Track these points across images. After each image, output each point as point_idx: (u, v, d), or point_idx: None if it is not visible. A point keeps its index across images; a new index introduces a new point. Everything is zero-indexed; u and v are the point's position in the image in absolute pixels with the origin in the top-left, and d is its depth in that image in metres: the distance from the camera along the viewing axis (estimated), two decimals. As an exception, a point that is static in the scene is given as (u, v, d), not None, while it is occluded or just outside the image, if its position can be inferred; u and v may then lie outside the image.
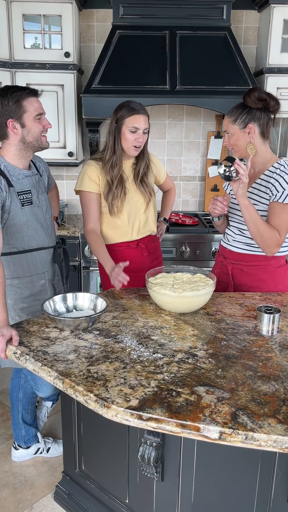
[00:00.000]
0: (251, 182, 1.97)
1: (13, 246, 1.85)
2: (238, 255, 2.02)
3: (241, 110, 1.89)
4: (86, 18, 3.30)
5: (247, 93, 1.88)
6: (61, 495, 1.96)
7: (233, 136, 1.92)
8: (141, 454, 1.39)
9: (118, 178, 2.08)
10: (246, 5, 3.24)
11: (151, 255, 2.28)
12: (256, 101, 1.85)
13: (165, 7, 3.01)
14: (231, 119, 1.91)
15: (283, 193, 1.82)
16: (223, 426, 1.08)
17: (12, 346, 1.47)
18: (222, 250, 2.12)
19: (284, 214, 1.84)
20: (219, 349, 1.45)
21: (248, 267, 2.00)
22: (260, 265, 1.99)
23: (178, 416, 1.12)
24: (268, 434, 1.05)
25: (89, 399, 1.20)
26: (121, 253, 2.20)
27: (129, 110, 2.00)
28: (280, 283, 2.01)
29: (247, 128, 1.89)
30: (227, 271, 2.05)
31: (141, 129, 2.02)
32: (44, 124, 1.82)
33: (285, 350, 1.46)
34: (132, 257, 2.21)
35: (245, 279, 2.02)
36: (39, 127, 1.80)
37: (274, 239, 1.84)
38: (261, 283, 2.00)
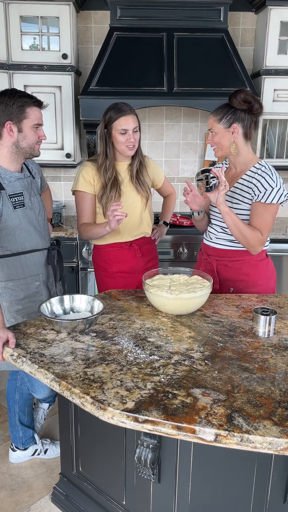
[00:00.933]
0: (233, 182, 2.03)
1: (7, 248, 1.85)
2: (222, 251, 2.07)
3: (226, 110, 1.94)
4: (84, 19, 3.30)
5: (233, 94, 1.93)
6: (59, 497, 1.97)
7: (217, 135, 1.96)
8: (137, 456, 1.39)
9: (112, 180, 2.10)
10: (243, 7, 3.25)
11: (145, 256, 2.28)
12: (242, 103, 1.90)
13: (162, 9, 3.02)
14: (216, 118, 1.95)
15: (265, 193, 1.88)
16: (218, 428, 1.09)
17: (8, 348, 1.48)
18: (206, 248, 2.16)
19: (266, 214, 1.91)
20: (216, 351, 1.46)
21: (233, 262, 2.05)
22: (243, 259, 2.04)
23: (174, 418, 1.12)
24: (263, 436, 1.06)
25: (86, 401, 1.20)
26: (114, 254, 2.21)
27: (115, 112, 2.03)
28: (263, 275, 2.08)
29: (231, 127, 1.93)
30: (212, 268, 2.09)
31: (130, 129, 2.04)
32: (40, 135, 1.85)
33: (281, 352, 1.46)
34: (125, 257, 2.21)
35: (230, 274, 2.07)
36: (35, 136, 1.83)
37: (257, 240, 1.91)
38: (245, 276, 2.05)
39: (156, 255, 2.40)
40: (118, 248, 2.21)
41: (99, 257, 2.26)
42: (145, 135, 3.53)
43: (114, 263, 2.22)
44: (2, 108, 1.76)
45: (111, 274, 2.24)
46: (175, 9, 3.01)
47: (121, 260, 2.21)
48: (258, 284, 2.06)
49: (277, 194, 1.88)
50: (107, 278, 2.26)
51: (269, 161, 3.25)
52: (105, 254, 2.22)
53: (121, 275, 2.22)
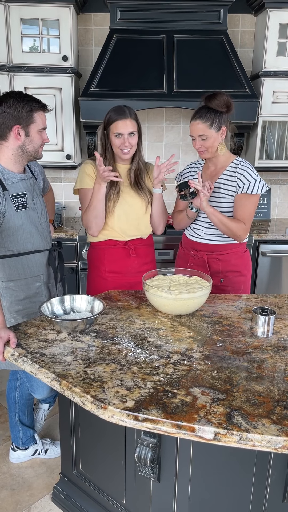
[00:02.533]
0: (214, 178, 2.17)
1: (8, 249, 1.87)
2: (213, 246, 2.20)
3: (214, 115, 2.03)
4: (84, 22, 3.32)
5: (214, 98, 2.02)
6: (59, 496, 1.97)
7: (210, 139, 2.06)
8: (137, 455, 1.40)
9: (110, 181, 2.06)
10: (243, 9, 3.27)
11: (140, 258, 2.23)
12: (223, 105, 2.02)
13: (162, 11, 3.03)
14: (207, 124, 2.04)
15: (249, 185, 2.06)
16: (218, 426, 1.10)
17: (10, 348, 1.49)
18: (193, 244, 2.26)
19: (249, 204, 2.10)
20: (215, 351, 1.47)
21: (223, 255, 2.20)
22: (232, 251, 2.21)
23: (173, 417, 1.13)
24: (262, 435, 1.07)
25: (86, 400, 1.22)
26: (108, 251, 2.18)
27: (113, 116, 2.04)
28: (247, 264, 2.28)
29: (221, 130, 2.06)
30: (202, 262, 2.21)
31: (125, 133, 2.02)
32: (44, 138, 1.89)
33: (280, 352, 1.47)
34: (118, 256, 2.18)
35: (220, 266, 2.20)
36: (40, 140, 1.87)
37: (241, 230, 2.09)
38: (234, 267, 2.21)
39: (153, 258, 2.35)
40: (112, 245, 2.18)
41: (94, 254, 2.23)
42: (144, 137, 3.54)
43: (107, 261, 2.18)
44: (11, 112, 1.77)
45: (103, 273, 2.20)
46: (174, 11, 3.03)
47: (114, 258, 2.18)
48: (244, 273, 2.25)
49: (259, 185, 2.07)
50: (98, 279, 2.22)
51: (268, 162, 3.27)
52: (100, 251, 2.20)
53: (113, 275, 2.18)
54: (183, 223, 2.28)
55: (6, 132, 1.80)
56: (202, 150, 2.09)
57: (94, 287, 2.25)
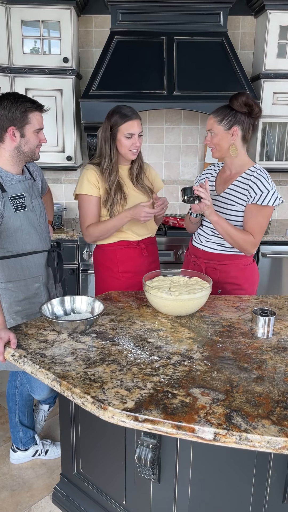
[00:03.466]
0: (227, 184, 2.06)
1: (7, 250, 1.87)
2: (212, 255, 2.10)
3: (227, 112, 1.95)
4: (85, 23, 3.33)
5: (235, 97, 1.94)
6: (59, 497, 1.98)
7: (216, 136, 1.98)
8: (137, 455, 1.40)
9: (116, 184, 2.10)
10: (243, 11, 3.28)
11: (150, 256, 2.28)
12: (243, 106, 1.92)
13: (162, 13, 3.04)
14: (217, 119, 1.96)
15: (260, 195, 1.93)
16: (217, 427, 1.10)
17: (10, 349, 1.49)
18: (194, 250, 2.19)
19: (260, 216, 1.95)
20: (215, 352, 1.47)
21: (221, 265, 2.09)
22: (232, 263, 2.09)
23: (173, 417, 1.13)
24: (262, 435, 1.07)
25: (86, 401, 1.22)
26: (120, 252, 2.20)
27: (122, 116, 2.03)
28: (250, 278, 2.14)
29: (231, 130, 1.95)
30: (201, 270, 2.11)
31: (136, 134, 2.05)
32: (41, 139, 1.87)
33: (280, 353, 1.48)
34: (131, 256, 2.21)
35: (218, 277, 2.10)
36: (36, 140, 1.85)
37: (249, 243, 1.96)
38: (233, 279, 2.10)
39: (158, 257, 2.40)
40: (124, 246, 2.19)
41: (105, 256, 2.23)
42: (145, 138, 3.55)
43: (120, 262, 2.20)
44: (5, 114, 1.77)
45: (116, 274, 2.22)
46: (175, 13, 3.04)
47: (127, 258, 2.20)
48: (245, 287, 2.11)
49: (273, 197, 1.93)
50: (111, 279, 2.23)
51: (268, 163, 3.27)
52: (111, 252, 2.20)
53: (126, 275, 2.21)
54: (190, 227, 2.23)
55: (2, 134, 1.80)
56: (211, 146, 2.02)
57: (106, 288, 2.24)
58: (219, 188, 2.11)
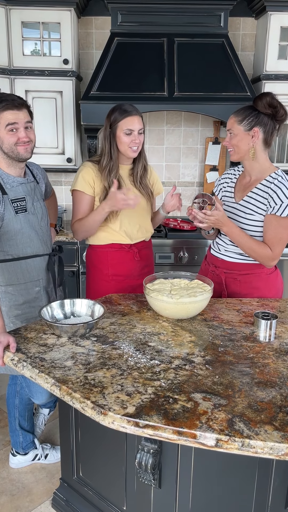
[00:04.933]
0: (246, 191, 1.97)
1: (8, 253, 1.86)
2: (232, 264, 2.01)
3: (249, 112, 1.86)
4: (85, 25, 3.32)
5: (259, 97, 1.85)
6: (59, 502, 1.96)
7: (236, 137, 1.89)
8: (138, 461, 1.39)
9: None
10: (243, 12, 3.27)
11: (142, 261, 2.23)
12: (267, 106, 1.82)
13: (163, 14, 3.03)
14: (238, 119, 1.87)
15: (280, 206, 1.82)
16: (219, 433, 1.08)
17: (9, 353, 1.47)
18: (213, 259, 2.09)
19: (280, 228, 1.84)
20: (216, 356, 1.46)
21: (242, 275, 1.99)
22: (254, 273, 1.99)
23: (174, 423, 1.12)
24: (265, 441, 1.06)
25: (86, 406, 1.20)
26: (111, 255, 2.16)
27: (122, 112, 1.99)
28: (273, 288, 2.03)
29: (252, 131, 1.86)
30: (220, 280, 2.02)
31: (135, 130, 2.00)
32: (20, 137, 1.78)
33: (282, 356, 1.46)
34: (123, 260, 2.17)
35: (239, 288, 2.01)
36: (10, 139, 1.77)
37: (266, 256, 1.87)
38: (255, 290, 2.00)
39: (152, 261, 2.34)
40: (117, 249, 2.16)
41: (96, 257, 2.20)
42: (146, 140, 3.52)
43: (111, 264, 2.16)
44: None
45: (105, 276, 2.18)
46: (175, 14, 3.03)
47: (118, 262, 2.17)
48: (268, 298, 2.01)
49: None
50: (101, 281, 2.20)
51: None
52: (102, 254, 2.17)
53: (116, 278, 2.17)
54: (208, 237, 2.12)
55: None
56: (230, 147, 1.92)
57: (95, 290, 2.22)
58: (238, 195, 2.01)
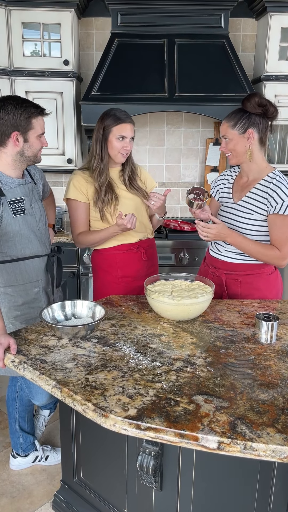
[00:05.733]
0: (244, 191, 1.97)
1: (6, 254, 1.85)
2: (232, 265, 2.00)
3: (240, 115, 1.86)
4: (85, 26, 3.32)
5: (247, 98, 1.85)
6: (60, 504, 1.95)
7: (231, 141, 1.89)
8: (139, 463, 1.38)
9: (106, 184, 2.09)
10: (244, 13, 3.27)
11: (149, 260, 2.26)
12: (256, 107, 1.83)
13: (163, 15, 3.03)
14: (230, 124, 1.88)
15: (282, 204, 1.82)
16: (221, 435, 1.08)
17: (10, 355, 1.47)
18: (213, 260, 2.08)
19: (284, 227, 1.84)
20: (218, 357, 1.45)
21: (243, 276, 1.99)
22: (255, 273, 1.98)
23: (176, 425, 1.11)
24: (267, 444, 1.05)
25: (87, 408, 1.20)
26: (120, 257, 2.18)
27: (116, 119, 2.03)
28: (273, 289, 2.03)
29: (247, 133, 1.86)
30: (220, 281, 2.01)
31: (128, 137, 2.06)
32: (43, 143, 1.88)
33: (284, 358, 1.45)
34: (131, 261, 2.19)
35: (240, 289, 2.00)
36: (39, 145, 1.86)
37: (275, 258, 1.87)
38: (256, 291, 1.99)
39: (157, 261, 2.37)
40: (125, 250, 2.17)
41: (104, 261, 2.21)
42: (146, 141, 3.53)
43: (120, 267, 2.18)
44: (9, 119, 1.76)
45: (115, 279, 2.20)
46: (176, 15, 3.03)
47: (127, 263, 2.18)
48: (269, 298, 2.01)
49: None
50: (110, 283, 2.21)
51: (270, 166, 3.25)
52: (110, 257, 2.18)
53: (126, 280, 2.19)
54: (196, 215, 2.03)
55: (5, 139, 1.79)
56: (227, 152, 1.93)
57: (105, 292, 2.22)
58: (236, 195, 2.01)
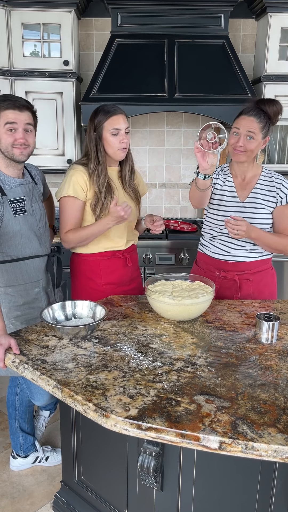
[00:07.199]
0: (248, 188, 2.00)
1: (7, 254, 1.85)
2: (243, 265, 2.02)
3: (266, 120, 1.87)
4: (85, 26, 3.32)
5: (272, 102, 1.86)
6: (60, 505, 1.95)
7: (255, 142, 1.87)
8: (140, 463, 1.38)
9: (106, 186, 1.97)
10: (244, 13, 3.27)
11: (133, 265, 2.18)
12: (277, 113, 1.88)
13: (163, 16, 3.03)
14: (260, 126, 1.86)
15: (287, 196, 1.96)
16: (223, 435, 1.07)
17: (10, 355, 1.47)
18: (221, 264, 2.04)
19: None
20: (219, 357, 1.45)
21: (254, 274, 2.03)
22: (263, 269, 2.05)
23: (177, 425, 1.11)
24: (268, 444, 1.05)
25: (88, 408, 1.19)
26: (104, 263, 2.08)
27: (105, 113, 1.92)
28: (275, 283, 2.13)
29: (265, 139, 1.91)
30: (233, 284, 2.01)
31: (122, 129, 1.94)
32: (16, 138, 1.76)
33: (285, 358, 1.45)
34: (115, 267, 2.10)
35: (251, 288, 2.03)
36: (8, 139, 1.76)
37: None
38: (265, 287, 2.06)
39: (138, 264, 2.27)
40: (109, 256, 2.08)
41: (87, 267, 2.09)
42: (146, 141, 3.53)
43: (104, 273, 2.09)
44: None
45: (99, 286, 2.09)
46: (176, 16, 3.03)
47: (111, 270, 2.09)
48: (274, 292, 2.10)
49: None
50: (93, 291, 2.09)
51: (270, 166, 3.25)
52: (94, 263, 2.08)
53: (110, 287, 2.10)
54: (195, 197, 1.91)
55: None
56: (241, 150, 1.88)
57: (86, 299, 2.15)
58: (240, 194, 2.01)
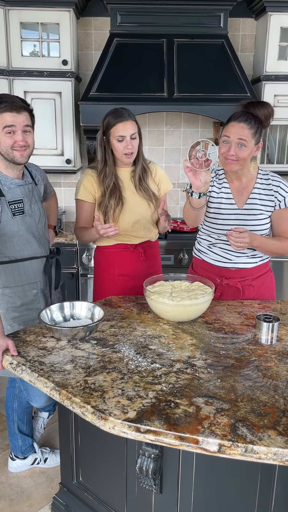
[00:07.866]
0: (245, 194, 1.94)
1: (5, 255, 1.84)
2: (245, 271, 1.99)
3: (257, 125, 1.79)
4: (84, 26, 3.31)
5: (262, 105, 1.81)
6: (59, 507, 1.93)
7: (247, 150, 1.79)
8: (139, 466, 1.37)
9: (111, 188, 2.05)
10: (243, 13, 3.26)
11: (148, 261, 2.23)
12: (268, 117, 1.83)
13: (162, 15, 3.02)
14: (251, 132, 1.77)
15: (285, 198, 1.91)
16: (222, 438, 1.06)
17: (8, 357, 1.45)
18: (223, 272, 2.00)
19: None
20: (218, 359, 1.44)
21: (255, 279, 2.00)
22: (263, 273, 2.02)
23: (176, 428, 1.10)
24: (268, 447, 1.04)
25: (86, 411, 1.18)
26: (117, 255, 2.17)
27: (113, 119, 1.98)
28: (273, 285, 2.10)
29: (258, 145, 1.83)
30: (235, 291, 1.99)
31: (127, 136, 1.98)
32: (16, 140, 1.74)
33: (285, 359, 1.44)
34: (128, 260, 2.18)
35: (253, 293, 2.01)
36: (7, 141, 1.74)
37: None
38: (266, 290, 2.04)
39: (159, 261, 2.34)
40: (122, 249, 2.17)
41: (103, 258, 2.21)
42: (145, 141, 3.52)
43: (117, 264, 2.18)
44: None
45: (112, 276, 2.19)
46: (175, 15, 3.02)
47: (124, 262, 2.17)
48: (273, 294, 2.09)
49: None
50: (107, 281, 2.20)
51: (269, 166, 3.25)
52: (109, 255, 2.18)
53: (123, 278, 2.18)
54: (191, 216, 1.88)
55: None
56: (232, 159, 1.79)
57: (101, 290, 2.23)
58: (237, 200, 1.95)
